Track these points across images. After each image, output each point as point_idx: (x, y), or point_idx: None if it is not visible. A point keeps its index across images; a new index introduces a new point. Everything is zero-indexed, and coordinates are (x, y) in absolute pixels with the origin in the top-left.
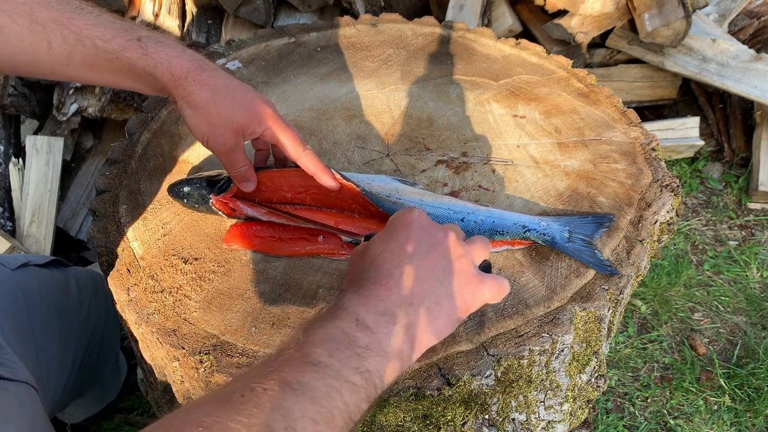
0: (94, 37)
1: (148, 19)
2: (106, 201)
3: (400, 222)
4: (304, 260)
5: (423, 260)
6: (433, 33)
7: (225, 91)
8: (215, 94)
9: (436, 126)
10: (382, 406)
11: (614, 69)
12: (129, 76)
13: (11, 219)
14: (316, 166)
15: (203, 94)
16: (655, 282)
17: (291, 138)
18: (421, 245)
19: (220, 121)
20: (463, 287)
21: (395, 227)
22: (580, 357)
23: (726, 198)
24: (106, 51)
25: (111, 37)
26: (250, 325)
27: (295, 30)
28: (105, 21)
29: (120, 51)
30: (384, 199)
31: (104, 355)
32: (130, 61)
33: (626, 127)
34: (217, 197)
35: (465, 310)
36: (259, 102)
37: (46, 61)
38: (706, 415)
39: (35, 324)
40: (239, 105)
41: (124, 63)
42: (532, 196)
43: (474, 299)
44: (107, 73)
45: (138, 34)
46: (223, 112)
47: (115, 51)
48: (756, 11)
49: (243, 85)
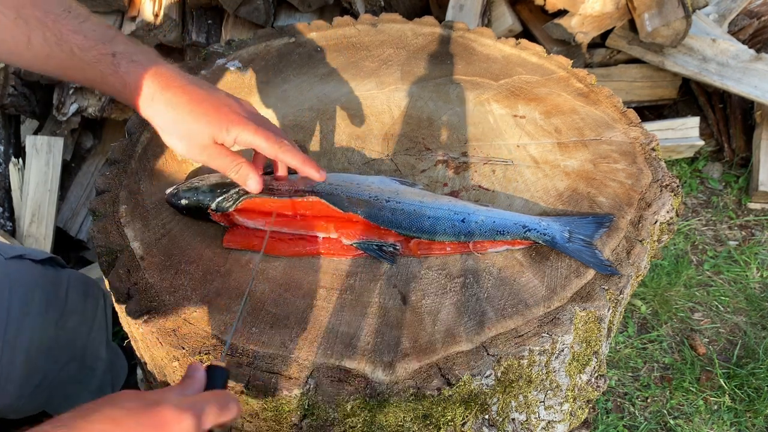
0: (72, 43)
1: (148, 19)
2: (106, 201)
3: (152, 416)
4: (304, 260)
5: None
6: (433, 33)
7: (188, 107)
8: (179, 112)
9: (436, 126)
10: (382, 406)
11: (614, 69)
12: (100, 86)
13: (11, 219)
14: (296, 159)
15: (168, 114)
16: (655, 282)
17: (264, 138)
18: None
19: (189, 136)
20: None
21: (142, 416)
22: (580, 357)
23: (726, 198)
24: (81, 60)
25: (88, 47)
26: (250, 325)
27: (295, 30)
28: (87, 28)
29: (94, 63)
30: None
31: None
32: (102, 76)
33: (626, 127)
34: (215, 213)
35: None
36: (225, 110)
37: (25, 56)
38: (706, 415)
39: (11, 317)
40: (202, 118)
41: (97, 75)
42: (532, 196)
43: None
44: (81, 78)
45: (114, 48)
46: (188, 129)
47: (90, 62)
48: (756, 11)
49: (210, 95)
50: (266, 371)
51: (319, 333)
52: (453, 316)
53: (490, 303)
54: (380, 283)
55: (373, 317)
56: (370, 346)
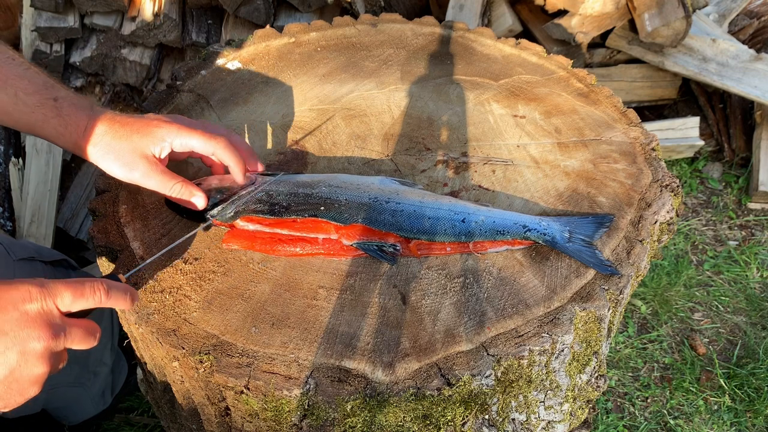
0: (17, 87)
1: (148, 19)
2: (106, 201)
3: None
4: (304, 260)
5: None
6: (433, 33)
7: (120, 130)
8: (112, 136)
9: (436, 126)
10: (382, 406)
11: (614, 69)
12: (41, 130)
13: (11, 219)
14: (231, 158)
15: (103, 140)
16: (655, 282)
17: (197, 136)
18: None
19: (122, 156)
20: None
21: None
22: (580, 357)
23: (726, 198)
24: (25, 104)
25: (32, 91)
26: (250, 325)
27: (295, 30)
28: (31, 74)
29: (37, 107)
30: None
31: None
32: (45, 119)
33: (626, 127)
34: (216, 220)
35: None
36: (154, 122)
37: None
38: (706, 415)
39: None
40: (133, 134)
41: (39, 118)
42: (532, 196)
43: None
44: (23, 122)
45: (56, 93)
46: (120, 147)
47: (33, 106)
48: (756, 11)
49: (141, 118)
50: (266, 371)
51: (319, 333)
52: (453, 316)
53: (490, 303)
54: (380, 283)
55: (373, 317)
56: (370, 346)
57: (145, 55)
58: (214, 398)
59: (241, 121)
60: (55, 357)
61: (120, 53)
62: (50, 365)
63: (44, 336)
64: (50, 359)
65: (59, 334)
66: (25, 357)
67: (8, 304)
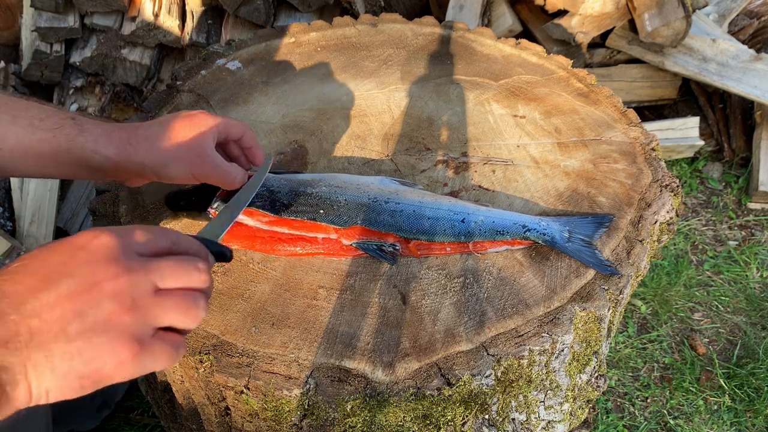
0: (29, 117)
1: (148, 19)
2: (106, 201)
3: (72, 243)
4: (304, 260)
5: (60, 298)
6: (433, 33)
7: (167, 127)
8: (163, 129)
9: (436, 126)
10: (382, 406)
11: (614, 69)
12: (66, 153)
13: (11, 219)
14: (256, 139)
15: (157, 133)
16: (655, 282)
17: (234, 121)
18: (72, 280)
19: (188, 150)
20: (102, 353)
21: (62, 247)
22: (580, 357)
23: (726, 198)
24: (42, 130)
25: (46, 116)
26: (250, 325)
27: (295, 30)
28: (35, 106)
29: (56, 129)
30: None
31: None
32: (68, 138)
33: (626, 127)
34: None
35: (95, 379)
36: (199, 116)
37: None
38: (706, 415)
39: None
40: (188, 120)
41: (62, 142)
42: (532, 196)
43: (116, 370)
44: (46, 155)
45: (70, 114)
46: (181, 143)
47: (51, 129)
48: (756, 11)
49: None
50: (266, 371)
51: (319, 333)
52: (453, 316)
53: (490, 303)
54: (380, 283)
55: (373, 317)
56: (370, 346)
57: (145, 55)
58: (214, 398)
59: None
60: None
61: (120, 53)
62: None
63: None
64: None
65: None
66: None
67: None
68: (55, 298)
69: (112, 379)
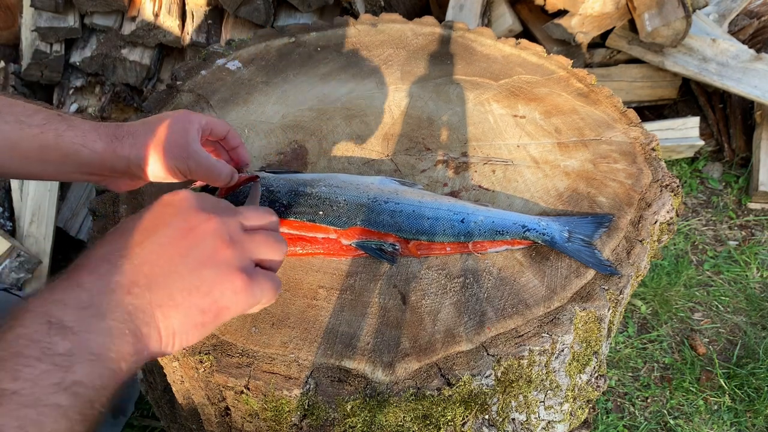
0: (16, 113)
1: (148, 19)
2: (106, 201)
3: (158, 203)
4: (304, 260)
5: (163, 245)
6: (433, 33)
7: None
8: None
9: (436, 126)
10: (382, 406)
11: (614, 69)
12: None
13: (11, 219)
14: (239, 138)
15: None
16: (655, 282)
17: (216, 120)
18: (169, 228)
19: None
20: (216, 284)
21: (150, 208)
22: (580, 357)
23: (726, 198)
24: (30, 126)
25: (33, 112)
26: (250, 325)
27: (295, 30)
28: (21, 102)
29: (44, 125)
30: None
31: None
32: (56, 133)
33: (626, 127)
34: None
35: (215, 312)
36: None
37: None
38: (706, 415)
39: None
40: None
41: (50, 137)
42: (532, 196)
43: (232, 299)
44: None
45: (56, 111)
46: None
47: (39, 125)
48: (756, 11)
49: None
50: (266, 371)
51: (319, 333)
52: (453, 316)
53: (490, 303)
54: (380, 283)
55: (373, 317)
56: (370, 346)
57: (145, 55)
58: (214, 398)
59: (241, 121)
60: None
61: (120, 53)
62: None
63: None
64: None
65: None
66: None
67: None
68: (158, 246)
69: (230, 312)
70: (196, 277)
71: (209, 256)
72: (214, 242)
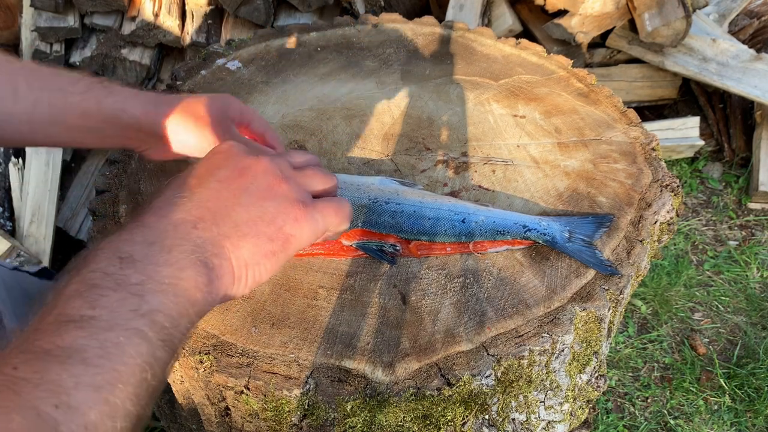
0: (59, 82)
1: (148, 19)
2: (106, 201)
3: (207, 155)
4: (304, 260)
5: (222, 183)
6: (433, 33)
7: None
8: (183, 97)
9: (436, 126)
10: (382, 406)
11: (614, 69)
12: (95, 118)
13: (11, 219)
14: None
15: (177, 98)
16: (655, 282)
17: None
18: (225, 170)
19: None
20: (279, 213)
21: (202, 160)
22: (580, 357)
23: (726, 198)
24: (72, 94)
25: (76, 80)
26: (250, 325)
27: (295, 30)
28: (65, 72)
29: (86, 92)
30: None
31: None
32: (97, 100)
33: (626, 126)
34: None
35: (283, 240)
36: (220, 94)
37: (14, 111)
38: (706, 415)
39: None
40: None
41: (92, 104)
42: (532, 196)
43: (296, 227)
44: (76, 121)
45: (97, 78)
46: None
47: (82, 93)
48: (756, 11)
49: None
50: (266, 371)
51: (319, 333)
52: (453, 316)
53: (490, 303)
54: (380, 283)
55: (373, 317)
56: (370, 346)
57: (145, 55)
58: (214, 398)
59: None
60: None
61: (120, 53)
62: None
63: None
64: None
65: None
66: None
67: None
68: (218, 183)
69: (296, 240)
70: (258, 207)
71: (267, 190)
72: (269, 179)
